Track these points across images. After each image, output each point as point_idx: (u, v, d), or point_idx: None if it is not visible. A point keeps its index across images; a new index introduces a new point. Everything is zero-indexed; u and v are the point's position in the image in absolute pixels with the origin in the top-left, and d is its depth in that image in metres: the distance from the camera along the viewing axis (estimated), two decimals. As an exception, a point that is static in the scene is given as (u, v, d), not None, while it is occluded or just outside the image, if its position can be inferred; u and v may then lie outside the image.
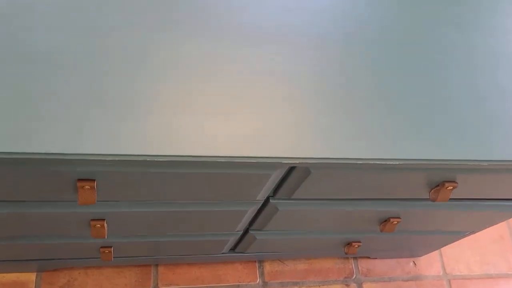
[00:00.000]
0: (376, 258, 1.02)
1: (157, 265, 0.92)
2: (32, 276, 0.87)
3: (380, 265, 1.03)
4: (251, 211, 0.64)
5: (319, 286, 0.98)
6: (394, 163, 0.48)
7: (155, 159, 0.43)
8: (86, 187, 0.48)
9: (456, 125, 0.53)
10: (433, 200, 0.60)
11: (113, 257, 0.77)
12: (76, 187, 0.49)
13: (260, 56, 0.52)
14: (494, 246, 1.11)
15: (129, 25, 0.50)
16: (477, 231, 0.83)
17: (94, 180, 0.48)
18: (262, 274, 0.96)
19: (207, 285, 0.92)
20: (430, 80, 0.56)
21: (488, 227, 0.79)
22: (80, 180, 0.47)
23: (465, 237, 0.86)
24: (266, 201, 0.62)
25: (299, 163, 0.47)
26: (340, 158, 0.47)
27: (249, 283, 0.95)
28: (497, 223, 0.77)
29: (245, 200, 0.59)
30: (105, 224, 0.60)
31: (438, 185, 0.59)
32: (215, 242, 0.77)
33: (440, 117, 0.53)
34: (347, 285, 0.99)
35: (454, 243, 1.04)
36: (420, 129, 0.51)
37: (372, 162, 0.48)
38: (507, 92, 0.57)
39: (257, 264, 0.97)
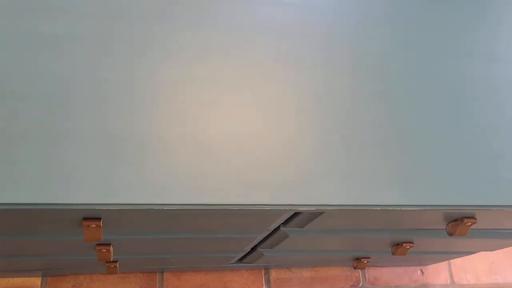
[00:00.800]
0: (383, 266, 1.01)
1: (162, 271, 0.91)
2: (37, 281, 0.86)
3: (387, 273, 1.02)
4: (261, 236, 0.62)
5: (325, 294, 0.97)
6: (413, 209, 0.46)
7: (164, 208, 0.41)
8: (92, 225, 0.46)
9: (474, 164, 0.50)
10: (450, 235, 0.58)
11: (118, 270, 0.76)
12: (81, 224, 0.47)
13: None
14: (503, 256, 1.09)
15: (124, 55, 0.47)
16: (492, 251, 0.81)
17: (99, 219, 0.46)
18: (268, 281, 0.95)
19: (213, 292, 0.92)
20: (446, 113, 0.53)
21: (505, 247, 0.77)
22: (85, 219, 0.45)
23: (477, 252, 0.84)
24: (277, 227, 0.60)
25: (314, 210, 0.44)
26: (356, 205, 0.45)
27: (255, 290, 0.94)
28: (512, 246, 0.75)
29: (255, 231, 0.57)
30: (111, 248, 0.59)
31: (456, 220, 0.56)
32: (222, 258, 0.76)
33: (455, 157, 0.50)
34: (353, 293, 0.98)
35: (463, 252, 1.03)
36: (436, 170, 0.49)
37: (390, 209, 0.46)
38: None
39: (263, 271, 0.96)
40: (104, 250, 0.59)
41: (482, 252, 1.07)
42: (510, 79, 0.57)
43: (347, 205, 0.44)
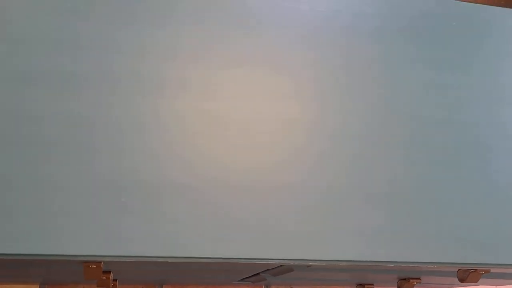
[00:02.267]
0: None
1: (162, 284, 0.90)
2: (36, 289, 0.85)
3: (389, 293, 1.00)
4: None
5: (326, 312, 0.96)
6: (411, 265, 0.44)
7: (167, 260, 0.39)
8: (92, 266, 0.45)
9: (489, 223, 0.48)
10: (462, 281, 0.56)
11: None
12: (82, 263, 0.45)
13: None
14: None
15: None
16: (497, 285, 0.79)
17: (100, 262, 0.44)
18: (268, 297, 0.94)
19: (212, 307, 0.91)
20: (455, 166, 0.51)
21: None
22: (86, 262, 0.44)
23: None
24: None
25: (325, 265, 0.43)
26: (364, 261, 0.43)
27: (255, 306, 0.93)
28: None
29: (260, 269, 0.55)
30: (111, 275, 0.58)
31: (469, 268, 0.55)
32: (225, 281, 0.74)
33: (463, 215, 0.48)
34: (354, 312, 0.97)
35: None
36: (444, 227, 0.47)
37: (403, 265, 0.44)
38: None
39: (263, 287, 0.95)
40: (104, 278, 0.57)
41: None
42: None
43: (341, 260, 0.43)
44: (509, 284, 0.74)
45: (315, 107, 0.48)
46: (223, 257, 0.41)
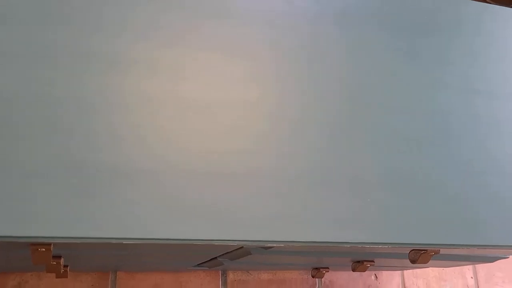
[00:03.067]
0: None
1: (116, 271, 0.88)
2: (-21, 277, 0.81)
3: (342, 277, 1.03)
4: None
5: (281, 296, 0.97)
6: (367, 246, 0.45)
7: (122, 242, 0.38)
8: (41, 249, 0.42)
9: (439, 205, 0.50)
10: (413, 262, 0.58)
11: (69, 272, 0.72)
12: (29, 247, 0.43)
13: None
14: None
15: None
16: (446, 267, 0.83)
17: (50, 244, 0.42)
18: (224, 283, 0.94)
19: (168, 293, 0.90)
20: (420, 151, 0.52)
21: (457, 266, 0.79)
22: (33, 244, 0.42)
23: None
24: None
25: (271, 246, 0.43)
26: (324, 242, 0.43)
27: (211, 291, 0.93)
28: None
29: (218, 252, 0.55)
30: (62, 261, 0.55)
31: (420, 250, 0.56)
32: (180, 266, 0.73)
33: (421, 197, 0.50)
34: (308, 296, 0.99)
35: (416, 259, 1.05)
36: (404, 210, 0.48)
37: (359, 246, 0.45)
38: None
39: (220, 273, 0.95)
40: (54, 263, 0.55)
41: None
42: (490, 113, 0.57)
43: (318, 241, 0.43)
44: (457, 266, 0.77)
45: (278, 91, 0.48)
46: (181, 238, 0.40)
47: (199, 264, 0.81)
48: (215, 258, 0.72)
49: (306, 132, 0.47)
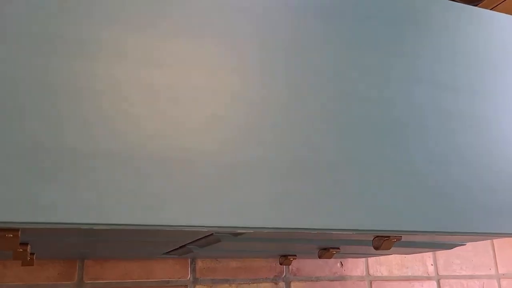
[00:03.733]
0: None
1: (83, 259, 0.87)
2: None
3: (309, 265, 1.06)
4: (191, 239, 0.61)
5: (250, 284, 0.99)
6: (334, 232, 0.47)
7: (93, 227, 0.38)
8: (9, 235, 0.42)
9: (403, 193, 0.52)
10: (376, 249, 0.60)
11: (35, 260, 0.71)
12: (-4, 232, 0.43)
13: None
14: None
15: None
16: (407, 254, 0.86)
17: (18, 230, 0.42)
18: (193, 270, 0.95)
19: (136, 281, 0.90)
20: (380, 141, 0.54)
21: (419, 253, 0.83)
22: (1, 230, 0.41)
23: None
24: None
25: (252, 232, 0.44)
26: (291, 228, 0.45)
27: (180, 279, 0.93)
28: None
29: (187, 239, 0.56)
30: (29, 247, 0.55)
31: (383, 236, 0.59)
32: (149, 254, 0.73)
33: (385, 183, 0.52)
34: (276, 283, 1.01)
35: (380, 247, 1.09)
36: (368, 196, 0.50)
37: (325, 232, 0.46)
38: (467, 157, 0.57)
39: (189, 260, 0.95)
40: (21, 250, 0.54)
41: (397, 246, 1.15)
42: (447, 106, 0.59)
43: (280, 228, 0.44)
44: (418, 253, 0.81)
45: (258, 81, 0.48)
46: (152, 224, 0.40)
47: (168, 252, 0.81)
48: (184, 246, 0.72)
49: (283, 123, 0.48)
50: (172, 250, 0.79)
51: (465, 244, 0.76)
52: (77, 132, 0.40)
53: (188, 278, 0.94)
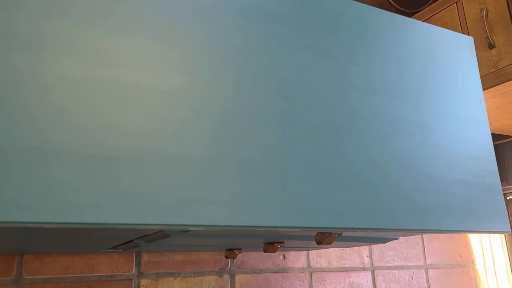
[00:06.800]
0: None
1: (22, 254, 0.84)
2: None
3: (254, 257, 1.09)
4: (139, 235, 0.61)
5: (195, 277, 1.00)
6: (280, 230, 0.50)
7: (43, 226, 0.38)
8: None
9: (344, 192, 0.56)
10: (319, 243, 0.64)
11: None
12: None
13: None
14: (353, 244, 1.24)
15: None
16: (346, 247, 0.91)
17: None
18: (138, 264, 0.95)
19: (78, 275, 0.88)
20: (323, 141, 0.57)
21: (356, 246, 0.88)
22: None
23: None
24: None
25: (203, 230, 0.45)
26: (242, 226, 0.47)
27: (124, 273, 0.93)
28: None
29: (133, 235, 0.56)
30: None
31: (325, 232, 0.62)
32: (93, 249, 0.73)
33: (326, 183, 0.55)
34: (220, 276, 1.03)
35: (321, 240, 1.14)
36: (311, 196, 0.53)
37: (275, 230, 0.49)
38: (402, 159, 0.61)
39: (134, 255, 0.95)
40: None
41: (336, 239, 1.21)
42: (389, 113, 0.64)
43: (230, 225, 0.46)
44: (355, 246, 0.86)
45: (203, 81, 0.49)
46: (103, 222, 0.41)
47: (114, 246, 0.80)
48: (131, 240, 0.72)
49: (225, 121, 0.50)
50: (118, 245, 0.78)
51: (398, 238, 0.81)
52: (24, 130, 0.39)
53: (132, 272, 0.93)
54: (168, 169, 0.45)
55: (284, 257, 1.13)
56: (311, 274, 1.15)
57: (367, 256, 1.24)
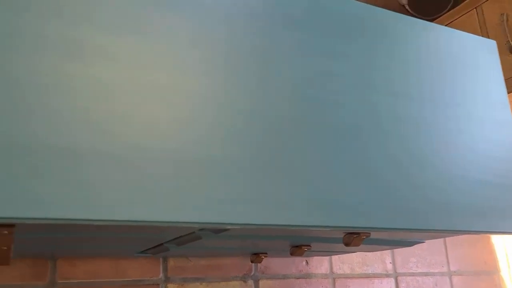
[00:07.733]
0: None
1: (55, 258, 0.87)
2: None
3: (277, 263, 1.10)
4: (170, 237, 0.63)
5: (219, 282, 1.01)
6: (320, 229, 0.51)
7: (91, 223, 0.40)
8: (4, 232, 0.43)
9: (377, 192, 0.57)
10: (347, 245, 0.64)
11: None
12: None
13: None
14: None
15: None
16: (372, 252, 0.91)
17: (13, 226, 0.43)
18: (165, 269, 0.96)
19: (108, 280, 0.90)
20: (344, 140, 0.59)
21: (381, 250, 0.88)
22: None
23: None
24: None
25: (237, 229, 0.47)
26: (273, 224, 0.48)
27: (151, 278, 0.95)
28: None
29: (168, 236, 0.58)
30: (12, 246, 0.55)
31: (353, 233, 0.63)
32: (124, 253, 0.75)
33: (353, 183, 0.56)
34: (244, 281, 1.04)
35: (344, 246, 1.14)
36: (339, 195, 0.54)
37: (303, 229, 0.50)
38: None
39: (161, 260, 0.97)
40: (5, 248, 0.54)
41: (358, 245, 1.21)
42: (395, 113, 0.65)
43: (267, 224, 0.48)
44: (379, 250, 0.86)
45: (225, 83, 0.51)
46: (142, 220, 0.42)
47: (143, 250, 0.82)
48: (161, 244, 0.74)
49: (253, 123, 0.51)
50: (147, 249, 0.80)
51: (424, 242, 0.82)
52: (51, 128, 0.42)
53: (159, 277, 0.95)
54: (205, 169, 0.47)
55: (307, 262, 1.13)
56: (334, 280, 1.15)
57: (390, 263, 1.24)
